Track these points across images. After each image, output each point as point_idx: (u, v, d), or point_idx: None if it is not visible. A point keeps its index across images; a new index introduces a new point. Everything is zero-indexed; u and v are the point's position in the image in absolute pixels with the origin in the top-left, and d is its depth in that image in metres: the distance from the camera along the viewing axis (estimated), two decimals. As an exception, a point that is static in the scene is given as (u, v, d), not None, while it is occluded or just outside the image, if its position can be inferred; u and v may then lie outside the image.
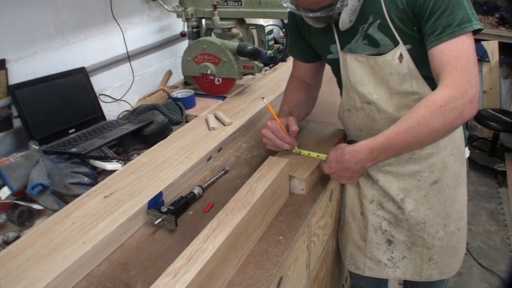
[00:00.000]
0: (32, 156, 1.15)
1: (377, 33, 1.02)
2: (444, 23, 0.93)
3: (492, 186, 3.03)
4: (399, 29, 0.99)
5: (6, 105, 1.33)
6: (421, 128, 0.94)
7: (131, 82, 1.80)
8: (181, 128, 1.44)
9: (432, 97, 0.94)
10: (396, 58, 1.02)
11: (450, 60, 0.93)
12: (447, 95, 0.91)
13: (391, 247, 1.25)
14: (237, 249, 0.87)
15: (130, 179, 1.13)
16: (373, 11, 1.01)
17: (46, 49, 1.43)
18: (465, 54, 0.93)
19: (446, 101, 0.91)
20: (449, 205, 1.17)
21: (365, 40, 1.05)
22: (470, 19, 0.93)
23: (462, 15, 0.92)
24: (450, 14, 0.92)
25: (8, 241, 0.96)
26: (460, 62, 0.92)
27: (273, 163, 1.06)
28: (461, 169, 1.17)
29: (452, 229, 1.20)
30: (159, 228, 1.01)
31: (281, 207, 1.07)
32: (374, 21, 1.01)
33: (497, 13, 3.37)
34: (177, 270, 0.73)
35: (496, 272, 2.27)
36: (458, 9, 0.92)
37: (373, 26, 1.02)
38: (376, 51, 1.05)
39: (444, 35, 0.93)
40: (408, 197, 1.17)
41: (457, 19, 0.92)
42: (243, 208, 0.89)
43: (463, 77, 0.91)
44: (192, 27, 1.85)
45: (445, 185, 1.15)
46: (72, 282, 0.85)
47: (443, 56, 0.94)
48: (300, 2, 0.99)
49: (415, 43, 1.00)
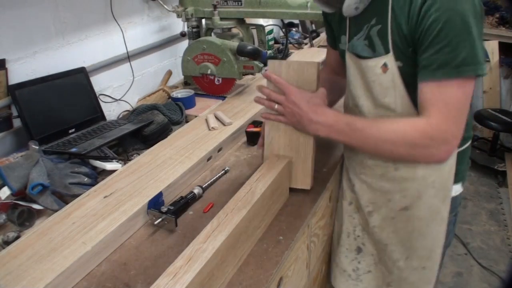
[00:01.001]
0: (32, 156, 1.15)
1: (376, 38, 0.94)
2: (443, 59, 0.82)
3: (492, 186, 3.03)
4: (395, 42, 0.91)
5: (6, 105, 1.33)
6: (385, 146, 0.92)
7: (131, 82, 1.80)
8: (181, 128, 1.44)
9: (411, 127, 0.89)
10: (379, 67, 0.94)
11: (439, 104, 0.85)
12: (425, 134, 0.87)
13: (359, 257, 1.20)
14: (237, 249, 0.87)
15: (130, 179, 1.13)
16: (378, 13, 0.93)
17: (46, 49, 1.43)
18: (457, 103, 0.84)
19: (421, 140, 0.88)
20: (416, 238, 1.07)
21: (366, 40, 0.98)
22: (474, 61, 0.81)
23: (466, 55, 0.81)
24: (452, 51, 0.81)
25: (8, 241, 0.96)
26: (448, 109, 0.85)
27: (273, 163, 1.06)
28: (441, 206, 1.04)
29: (414, 265, 1.10)
30: (159, 228, 1.01)
31: (281, 207, 1.07)
32: (376, 24, 0.94)
33: (497, 13, 3.37)
34: (177, 270, 0.73)
35: (496, 272, 2.27)
36: (463, 47, 0.80)
37: (374, 29, 0.94)
38: (372, 55, 0.96)
39: (439, 72, 0.83)
40: (376, 212, 1.11)
41: (459, 58, 0.81)
42: (243, 208, 0.89)
43: (448, 126, 0.85)
44: (192, 27, 1.85)
45: (416, 216, 1.05)
46: (72, 282, 0.85)
47: (433, 96, 0.86)
48: None
49: (407, 63, 0.91)
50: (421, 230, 1.07)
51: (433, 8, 0.81)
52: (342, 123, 0.95)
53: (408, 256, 1.10)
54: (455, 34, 0.80)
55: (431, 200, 1.03)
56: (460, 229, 2.58)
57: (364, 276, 1.21)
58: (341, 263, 1.24)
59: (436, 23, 0.81)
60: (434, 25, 0.81)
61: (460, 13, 0.80)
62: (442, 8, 0.80)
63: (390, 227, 1.10)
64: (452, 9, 0.80)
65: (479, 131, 3.53)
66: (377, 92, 0.97)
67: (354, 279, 1.22)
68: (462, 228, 2.60)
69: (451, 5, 0.80)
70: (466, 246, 2.46)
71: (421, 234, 1.07)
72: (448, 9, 0.80)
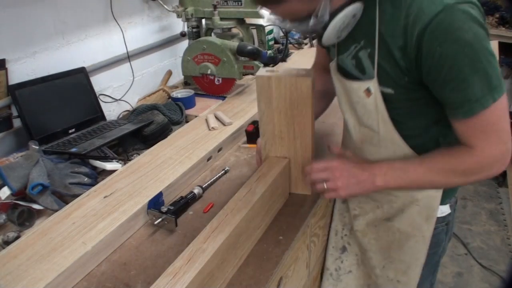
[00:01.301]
0: (32, 156, 1.15)
1: (367, 61, 0.88)
2: (461, 97, 0.77)
3: (492, 186, 3.03)
4: (383, 69, 0.85)
5: (6, 105, 1.33)
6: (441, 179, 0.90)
7: (131, 82, 1.80)
8: (181, 128, 1.44)
9: (459, 155, 0.86)
10: (362, 90, 0.90)
11: (476, 134, 0.81)
12: (476, 162, 0.84)
13: (343, 256, 1.20)
14: (237, 249, 0.87)
15: (130, 179, 1.13)
16: (366, 35, 0.86)
17: (46, 49, 1.43)
18: (492, 125, 0.79)
19: (473, 165, 0.85)
20: (395, 250, 1.07)
21: (353, 60, 0.92)
22: (491, 87, 0.75)
23: (482, 85, 0.74)
24: (467, 87, 0.75)
25: (8, 241, 0.96)
26: (488, 135, 0.80)
27: (273, 163, 1.06)
28: (424, 225, 1.01)
29: (390, 276, 1.10)
30: (159, 228, 1.01)
31: (281, 207, 1.07)
32: (365, 47, 0.87)
33: (497, 13, 3.36)
34: (177, 270, 0.73)
35: (496, 272, 2.27)
36: (478, 80, 0.74)
37: (364, 51, 0.88)
38: (360, 76, 0.92)
39: (461, 111, 0.78)
40: (362, 217, 1.11)
41: (476, 93, 0.75)
42: (243, 208, 0.89)
43: (492, 149, 0.82)
44: (192, 27, 1.85)
45: (397, 228, 1.05)
46: (72, 282, 0.85)
47: (467, 130, 0.82)
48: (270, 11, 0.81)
49: (400, 91, 0.86)
50: (400, 243, 1.06)
51: (436, 43, 0.73)
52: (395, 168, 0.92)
53: (385, 266, 1.10)
54: (466, 66, 0.74)
55: (414, 217, 1.02)
56: (460, 229, 2.58)
57: (344, 276, 1.22)
58: (326, 261, 1.25)
59: (443, 59, 0.74)
60: (442, 61, 0.74)
61: (467, 43, 0.72)
62: (447, 41, 0.72)
63: (373, 233, 1.11)
64: (457, 41, 0.72)
65: (479, 131, 3.52)
66: (361, 113, 0.95)
67: (334, 279, 1.23)
68: (462, 228, 2.60)
69: (455, 36, 0.72)
70: (466, 246, 2.45)
71: (399, 247, 1.06)
72: (454, 40, 0.72)
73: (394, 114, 0.90)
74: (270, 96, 1.00)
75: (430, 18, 0.72)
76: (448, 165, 0.87)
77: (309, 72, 0.98)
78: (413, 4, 0.75)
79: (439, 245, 1.10)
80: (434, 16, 0.72)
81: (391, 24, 0.79)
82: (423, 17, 0.73)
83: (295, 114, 1.01)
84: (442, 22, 0.72)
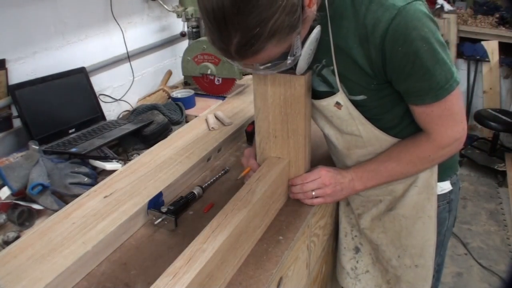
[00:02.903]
0: (32, 156, 1.15)
1: (331, 77, 0.94)
2: (426, 86, 0.85)
3: (492, 186, 3.03)
4: (351, 80, 0.91)
5: (6, 105, 1.33)
6: (409, 171, 1.00)
7: (131, 82, 1.80)
8: (181, 128, 1.44)
9: (420, 145, 0.95)
10: (332, 105, 0.96)
11: (434, 119, 0.90)
12: (435, 146, 0.94)
13: (357, 256, 1.22)
14: (237, 249, 0.87)
15: (130, 179, 1.13)
16: (325, 54, 0.91)
17: (46, 49, 1.43)
18: (449, 110, 0.89)
19: (434, 151, 0.95)
20: (405, 237, 1.10)
21: (319, 77, 0.97)
22: (451, 75, 0.84)
23: (444, 74, 0.83)
24: (431, 77, 0.83)
25: (8, 241, 0.96)
26: (445, 119, 0.90)
27: (273, 163, 1.06)
28: (427, 204, 1.06)
29: (407, 263, 1.12)
30: (159, 228, 1.01)
31: (281, 207, 1.07)
32: (327, 65, 0.93)
33: (497, 13, 3.37)
34: (176, 271, 0.73)
35: (496, 272, 2.27)
36: (439, 69, 0.83)
37: (327, 69, 0.94)
38: (329, 89, 0.96)
39: (426, 98, 0.87)
40: (366, 214, 1.13)
41: (439, 80, 0.84)
42: (243, 208, 0.89)
43: (450, 130, 0.92)
44: (192, 27, 1.85)
45: (401, 215, 1.08)
46: (72, 282, 0.85)
47: (426, 115, 0.91)
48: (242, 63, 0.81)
49: (372, 95, 0.92)
50: (408, 229, 1.09)
51: (397, 45, 0.80)
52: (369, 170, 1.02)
53: (399, 255, 1.12)
54: (428, 60, 0.81)
55: (415, 198, 1.06)
56: (460, 229, 2.58)
57: (362, 276, 1.23)
58: (340, 260, 1.26)
59: (406, 57, 0.81)
60: (405, 59, 0.82)
61: (424, 39, 0.80)
62: (407, 41, 0.79)
63: (379, 228, 1.13)
64: (415, 39, 0.79)
65: (479, 131, 3.53)
66: (338, 124, 1.00)
67: (352, 277, 1.24)
68: (462, 228, 2.60)
69: (413, 36, 0.79)
70: (466, 246, 2.46)
71: (409, 233, 1.09)
72: (412, 39, 0.79)
73: (370, 114, 0.96)
74: (265, 93, 1.00)
75: (387, 24, 0.79)
76: (413, 155, 0.97)
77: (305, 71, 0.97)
78: (368, 14, 0.81)
79: (442, 224, 1.12)
80: (390, 22, 0.78)
81: (349, 37, 0.85)
82: (380, 25, 0.79)
83: (289, 113, 1.00)
84: (398, 25, 0.78)
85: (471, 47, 3.37)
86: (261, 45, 0.71)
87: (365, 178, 1.02)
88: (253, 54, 0.73)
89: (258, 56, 0.74)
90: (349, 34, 0.85)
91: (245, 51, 0.72)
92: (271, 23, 0.69)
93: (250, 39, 0.70)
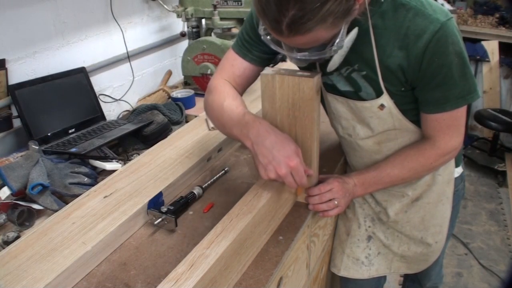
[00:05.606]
0: (32, 156, 1.15)
1: (362, 81, 0.97)
2: (446, 96, 0.91)
3: (492, 186, 3.03)
4: (387, 86, 0.95)
5: (6, 105, 1.33)
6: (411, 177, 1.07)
7: (131, 82, 1.80)
8: (181, 128, 1.44)
9: (425, 153, 1.01)
10: (376, 107, 0.99)
11: (443, 128, 0.97)
12: (438, 154, 1.01)
13: (370, 243, 1.26)
14: (242, 255, 0.85)
15: (130, 179, 1.13)
16: (360, 60, 0.93)
17: (46, 49, 1.43)
18: (458, 121, 0.97)
19: (435, 159, 1.02)
20: (428, 219, 1.18)
21: (346, 80, 0.99)
22: (470, 90, 0.91)
23: (468, 86, 0.91)
24: (452, 88, 0.90)
25: (8, 241, 0.96)
26: (452, 129, 0.97)
27: None
28: (446, 188, 1.15)
29: (429, 242, 1.20)
30: (159, 228, 1.01)
31: (287, 212, 1.05)
32: (359, 70, 0.95)
33: (497, 13, 3.37)
34: (178, 276, 0.71)
35: (496, 272, 2.27)
36: (465, 81, 0.90)
37: (357, 73, 0.96)
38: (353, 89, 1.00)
39: (442, 106, 0.93)
40: (389, 209, 1.18)
41: (459, 92, 0.91)
42: (248, 213, 0.87)
43: (454, 140, 0.99)
44: (192, 27, 1.85)
45: (426, 202, 1.15)
46: (72, 282, 0.85)
47: (437, 123, 0.97)
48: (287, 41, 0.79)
49: (400, 97, 0.97)
50: (431, 212, 1.17)
51: (435, 56, 0.86)
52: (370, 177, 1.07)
53: (422, 236, 1.19)
54: (457, 72, 0.88)
55: (439, 186, 1.14)
56: (460, 229, 2.58)
57: (375, 259, 1.27)
58: (353, 253, 1.27)
59: (440, 68, 0.87)
60: (438, 70, 0.88)
61: (459, 53, 0.87)
62: (444, 54, 0.86)
63: (404, 219, 1.18)
64: (451, 53, 0.86)
65: (479, 131, 3.52)
66: (375, 124, 1.04)
67: (367, 265, 1.27)
68: (462, 228, 2.60)
69: (449, 49, 0.86)
70: (466, 246, 2.46)
71: (432, 216, 1.17)
72: (449, 53, 0.86)
73: (402, 111, 1.01)
74: (274, 95, 0.97)
75: (431, 36, 0.84)
76: (416, 163, 1.03)
77: (314, 73, 0.94)
78: (412, 25, 0.86)
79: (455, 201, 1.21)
80: (434, 34, 0.84)
81: (387, 46, 0.90)
82: (424, 36, 0.85)
83: (297, 116, 0.97)
84: (440, 39, 0.85)
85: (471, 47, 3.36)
86: (314, 23, 0.71)
87: (366, 184, 1.07)
88: (304, 32, 0.73)
89: (307, 35, 0.74)
90: (387, 44, 0.89)
91: (297, 27, 0.71)
92: (330, 2, 0.70)
93: (306, 13, 0.69)
